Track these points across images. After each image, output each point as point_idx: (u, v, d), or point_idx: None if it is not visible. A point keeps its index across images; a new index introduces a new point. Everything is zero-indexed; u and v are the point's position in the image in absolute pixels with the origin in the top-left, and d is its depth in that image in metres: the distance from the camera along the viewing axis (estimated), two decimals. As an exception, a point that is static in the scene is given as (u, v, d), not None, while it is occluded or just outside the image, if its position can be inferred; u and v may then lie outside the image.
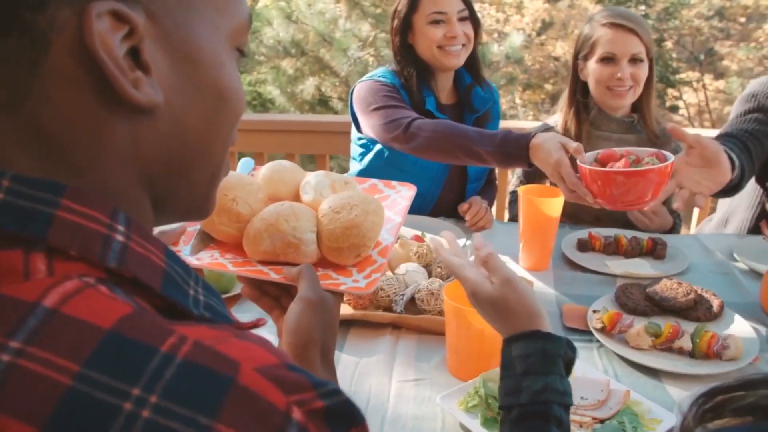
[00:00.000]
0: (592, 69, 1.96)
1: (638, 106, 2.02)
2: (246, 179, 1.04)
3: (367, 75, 2.08)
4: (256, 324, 0.56)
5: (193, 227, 1.05)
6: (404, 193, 1.16)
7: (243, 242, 0.99)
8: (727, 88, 12.58)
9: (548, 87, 13.33)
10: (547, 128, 2.12)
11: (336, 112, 7.64)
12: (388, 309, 1.39)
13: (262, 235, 0.95)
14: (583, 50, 2.00)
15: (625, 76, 1.91)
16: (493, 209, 2.37)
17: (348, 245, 0.95)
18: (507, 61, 7.97)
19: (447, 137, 1.71)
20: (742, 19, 12.63)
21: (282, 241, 0.94)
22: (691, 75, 12.78)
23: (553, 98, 13.41)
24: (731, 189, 1.75)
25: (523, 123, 3.39)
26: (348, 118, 2.20)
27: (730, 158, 1.58)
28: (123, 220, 0.47)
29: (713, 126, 12.72)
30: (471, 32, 2.00)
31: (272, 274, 0.94)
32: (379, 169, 2.08)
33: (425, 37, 1.97)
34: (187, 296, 0.48)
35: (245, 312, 1.43)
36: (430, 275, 1.51)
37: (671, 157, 1.36)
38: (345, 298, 1.39)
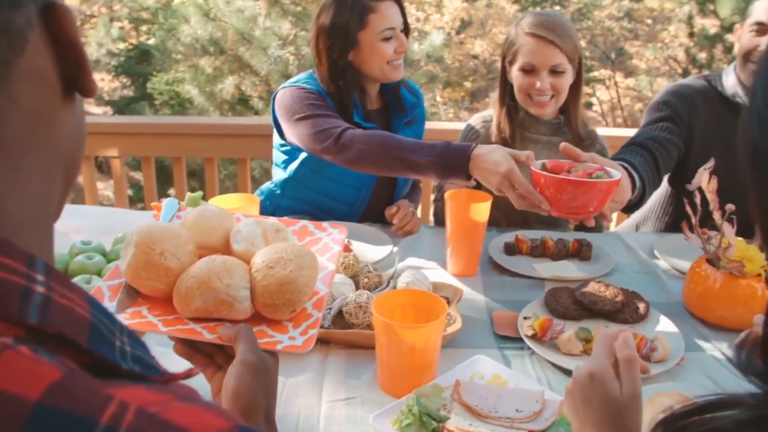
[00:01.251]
0: (514, 76, 1.96)
1: (565, 109, 2.02)
2: (174, 230, 0.99)
3: (290, 80, 2.00)
4: (189, 374, 0.50)
5: (118, 280, 0.99)
6: (336, 237, 1.14)
7: (173, 299, 0.94)
8: (637, 86, 13.09)
9: (468, 85, 13.54)
10: (471, 129, 2.10)
11: (257, 112, 7.49)
12: (316, 324, 1.34)
13: (193, 293, 0.91)
14: (508, 55, 1.98)
15: (545, 87, 1.89)
16: (419, 211, 2.36)
17: (283, 301, 0.93)
18: (428, 59, 8.02)
19: (382, 149, 1.65)
20: (649, 21, 13.18)
21: (215, 299, 0.91)
22: (604, 73, 13.23)
23: (473, 96, 13.64)
24: (632, 207, 1.78)
25: (447, 124, 3.39)
26: (269, 120, 2.12)
27: (632, 176, 1.62)
28: (41, 267, 0.41)
29: (625, 122, 13.24)
30: (407, 43, 1.96)
31: (206, 334, 0.90)
32: (306, 177, 2.02)
33: (376, 54, 1.90)
34: (115, 349, 0.42)
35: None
36: (357, 287, 1.46)
37: (617, 174, 1.40)
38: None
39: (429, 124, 2.79)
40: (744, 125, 0.55)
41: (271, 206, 2.11)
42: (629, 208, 1.77)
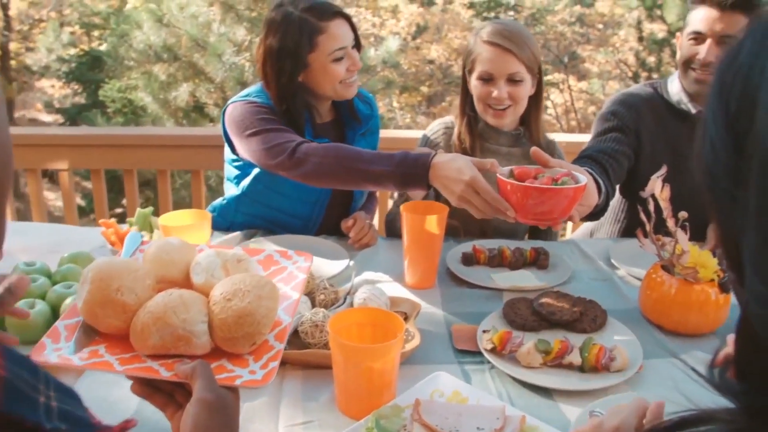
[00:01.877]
0: (473, 85, 1.95)
1: (525, 120, 2.01)
2: (131, 265, 0.96)
3: (240, 94, 1.94)
4: (125, 427, 0.46)
5: (75, 319, 0.95)
6: (301, 265, 1.13)
7: (130, 336, 0.91)
8: (589, 89, 13.35)
9: (424, 89, 13.61)
10: (427, 140, 2.09)
11: (212, 119, 7.39)
12: (271, 344, 1.30)
13: (150, 329, 0.88)
14: (467, 65, 1.97)
15: (502, 96, 1.88)
16: (376, 222, 2.33)
17: (242, 334, 0.90)
18: (384, 65, 8.02)
19: (339, 161, 1.61)
20: (600, 26, 13.43)
21: (171, 334, 0.89)
22: (557, 77, 13.43)
23: (430, 100, 13.72)
24: (598, 212, 1.79)
25: (403, 132, 3.38)
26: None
27: (597, 181, 1.63)
28: None
29: (579, 125, 13.46)
30: (359, 59, 1.93)
31: (163, 372, 0.88)
32: (259, 193, 1.98)
33: (327, 75, 1.86)
34: (37, 406, 0.39)
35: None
36: (313, 304, 1.43)
37: (584, 180, 1.40)
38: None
39: (385, 132, 2.78)
40: (698, 151, 0.54)
41: (224, 222, 2.06)
42: (596, 214, 1.77)
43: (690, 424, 0.55)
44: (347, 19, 1.88)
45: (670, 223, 1.46)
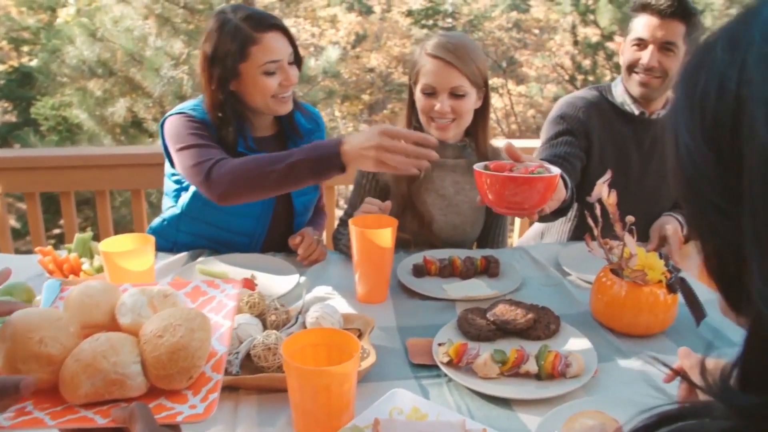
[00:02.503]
0: (417, 97, 1.94)
1: (472, 131, 2.01)
2: (52, 314, 0.91)
3: (178, 107, 1.90)
4: None
5: None
6: (230, 292, 1.10)
7: (60, 387, 0.86)
8: (528, 93, 13.60)
9: (366, 98, 13.64)
10: None
11: (151, 135, 7.22)
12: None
13: (79, 377, 0.84)
14: (412, 77, 1.96)
15: (444, 110, 1.87)
16: (325, 236, 2.30)
17: (177, 370, 0.88)
18: (325, 75, 8.00)
19: (252, 170, 1.58)
20: (536, 31, 13.72)
21: (104, 380, 0.85)
22: (497, 81, 13.64)
23: (371, 108, 13.75)
24: (566, 208, 1.81)
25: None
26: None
27: (563, 178, 1.65)
28: None
29: (519, 128, 13.69)
30: (297, 73, 1.88)
31: (99, 420, 0.84)
32: (199, 211, 1.93)
33: (258, 88, 1.82)
34: None
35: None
36: (264, 325, 1.39)
37: (557, 170, 1.41)
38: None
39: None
40: (674, 164, 0.53)
41: (167, 244, 2.00)
42: (563, 210, 1.78)
43: (674, 420, 0.53)
44: (285, 32, 1.83)
45: (618, 227, 1.48)
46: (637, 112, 2.15)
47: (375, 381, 1.29)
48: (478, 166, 1.43)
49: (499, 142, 2.08)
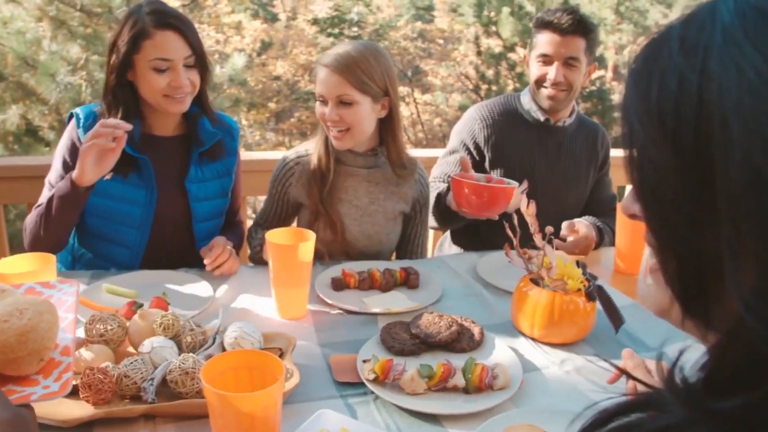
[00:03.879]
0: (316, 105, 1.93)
1: (384, 140, 1.99)
2: None
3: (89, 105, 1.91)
4: None
5: None
6: (68, 290, 1.10)
7: None
8: (434, 101, 13.82)
9: (272, 105, 13.47)
10: (286, 164, 2.01)
11: (48, 144, 6.82)
12: (137, 398, 1.17)
13: None
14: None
15: (333, 117, 1.84)
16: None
17: (27, 352, 0.87)
18: (231, 83, 7.84)
19: (30, 220, 1.79)
20: (441, 41, 13.97)
21: None
22: (403, 90, 13.77)
23: (278, 117, 13.59)
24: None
25: (263, 154, 3.26)
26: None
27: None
28: None
29: (426, 136, 13.89)
30: (197, 78, 1.83)
31: None
32: (83, 221, 1.89)
33: (148, 83, 1.77)
34: None
35: None
36: (179, 347, 1.31)
37: (515, 183, 1.83)
38: (81, 395, 1.14)
39: (247, 155, 2.68)
40: (636, 176, 0.52)
41: (64, 262, 1.94)
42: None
43: (622, 413, 0.52)
44: (183, 34, 1.77)
45: (538, 238, 1.49)
46: (542, 119, 2.29)
47: (299, 402, 1.23)
48: (456, 176, 1.84)
49: (417, 152, 2.10)
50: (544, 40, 2.16)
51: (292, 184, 1.98)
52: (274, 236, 1.58)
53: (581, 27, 2.13)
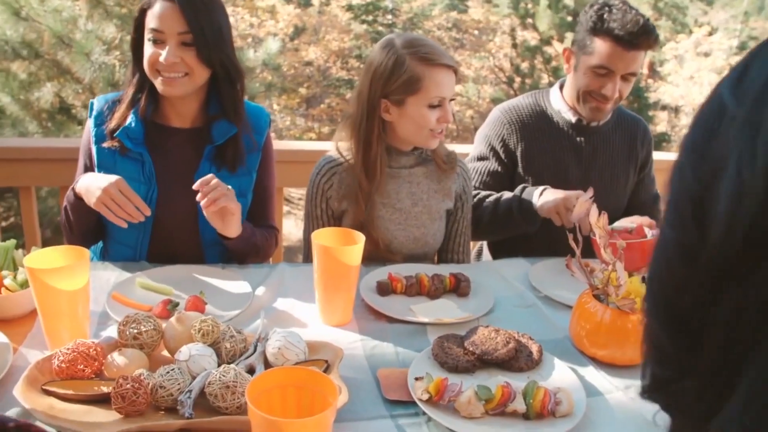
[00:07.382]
0: (421, 113, 1.75)
1: None
2: None
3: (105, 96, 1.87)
4: None
5: None
6: None
7: None
8: (465, 93, 13.63)
9: (303, 91, 13.39)
10: (330, 160, 1.89)
11: (80, 122, 6.81)
12: (173, 410, 1.09)
13: None
14: (406, 89, 1.74)
15: (449, 118, 1.78)
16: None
17: None
18: (264, 67, 7.77)
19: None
20: (476, 32, 13.77)
21: None
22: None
23: (309, 102, 13.51)
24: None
25: (301, 144, 3.15)
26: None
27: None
28: None
29: (456, 129, 13.72)
30: (194, 61, 1.66)
31: None
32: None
33: (144, 55, 1.68)
34: None
35: None
36: (218, 355, 1.21)
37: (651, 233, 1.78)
38: (114, 406, 1.05)
39: (281, 144, 2.58)
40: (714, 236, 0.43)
41: (95, 256, 1.90)
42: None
43: None
44: (181, 8, 1.63)
45: (608, 253, 1.37)
46: (574, 120, 2.11)
47: (348, 421, 1.14)
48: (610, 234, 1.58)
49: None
50: (605, 52, 1.91)
51: (332, 197, 1.87)
52: (321, 237, 1.49)
53: (650, 41, 1.90)
